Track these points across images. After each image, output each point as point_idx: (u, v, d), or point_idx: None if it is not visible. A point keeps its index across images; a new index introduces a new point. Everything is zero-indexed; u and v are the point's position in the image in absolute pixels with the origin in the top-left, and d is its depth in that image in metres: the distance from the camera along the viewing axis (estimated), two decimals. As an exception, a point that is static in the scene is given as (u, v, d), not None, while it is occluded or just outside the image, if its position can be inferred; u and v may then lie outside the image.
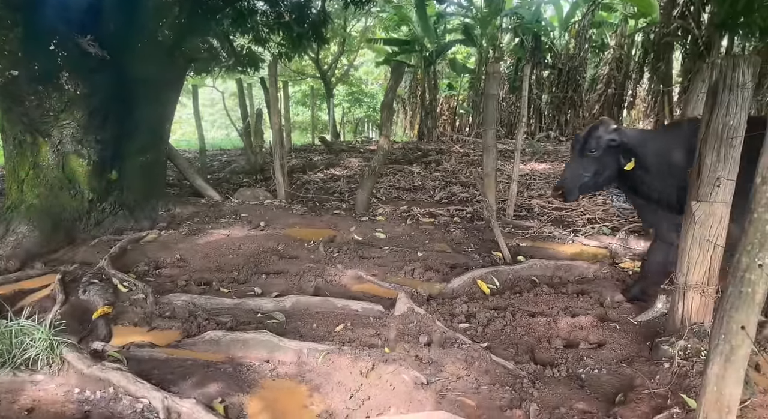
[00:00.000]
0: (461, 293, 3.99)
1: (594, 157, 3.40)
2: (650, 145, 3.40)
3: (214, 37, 7.94)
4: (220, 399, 2.55)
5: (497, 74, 5.43)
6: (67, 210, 5.20)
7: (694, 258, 2.79)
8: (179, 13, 5.70)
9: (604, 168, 3.47)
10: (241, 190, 7.55)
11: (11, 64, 4.43)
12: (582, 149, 3.44)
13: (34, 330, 2.71)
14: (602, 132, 3.39)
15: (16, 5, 4.26)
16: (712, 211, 2.66)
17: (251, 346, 3.05)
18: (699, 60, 10.80)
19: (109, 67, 5.18)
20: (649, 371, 2.73)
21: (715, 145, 2.57)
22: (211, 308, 3.68)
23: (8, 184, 5.35)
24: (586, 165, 3.45)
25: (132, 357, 2.90)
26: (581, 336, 3.23)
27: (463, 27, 17.26)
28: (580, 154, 3.46)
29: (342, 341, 3.19)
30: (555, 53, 15.98)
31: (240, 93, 10.39)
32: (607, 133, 3.38)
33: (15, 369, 2.61)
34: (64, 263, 4.58)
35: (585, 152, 3.42)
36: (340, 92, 24.92)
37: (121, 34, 5.47)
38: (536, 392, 2.62)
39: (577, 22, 15.30)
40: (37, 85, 4.70)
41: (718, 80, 2.50)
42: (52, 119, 4.94)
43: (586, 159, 3.44)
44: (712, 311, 2.87)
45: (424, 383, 2.68)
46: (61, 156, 5.12)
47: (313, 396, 2.67)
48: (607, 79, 15.26)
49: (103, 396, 2.51)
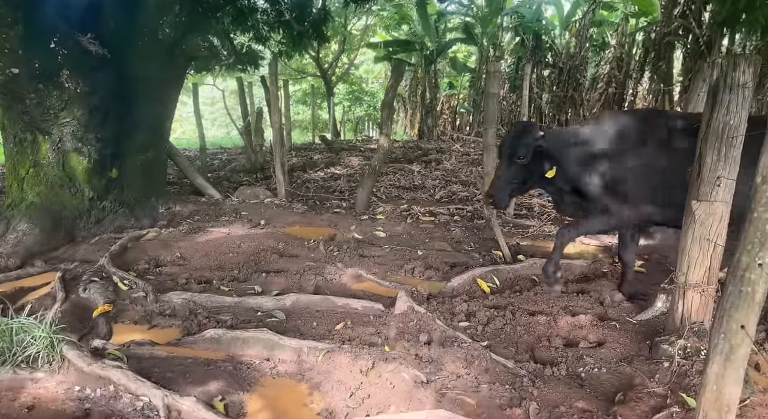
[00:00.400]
0: (461, 292, 3.99)
1: (522, 163, 3.40)
2: (571, 149, 3.42)
3: (214, 35, 7.92)
4: (221, 397, 2.55)
5: (498, 73, 5.43)
6: (68, 208, 5.20)
7: (694, 257, 2.79)
8: (180, 11, 5.70)
9: (531, 174, 3.48)
10: (242, 188, 7.55)
11: (12, 62, 4.43)
12: (511, 155, 3.42)
13: (35, 327, 2.71)
14: (530, 138, 3.37)
15: (16, 3, 4.25)
16: (713, 210, 2.66)
17: (251, 344, 3.06)
18: (700, 59, 10.78)
19: (110, 65, 5.19)
20: (649, 370, 2.73)
21: (715, 144, 2.57)
22: (211, 307, 3.68)
23: (9, 182, 5.36)
24: (515, 172, 3.45)
25: (132, 355, 2.90)
26: (581, 335, 3.23)
27: (463, 26, 17.23)
28: (509, 160, 3.44)
29: (342, 339, 3.19)
30: (556, 52, 15.97)
31: (240, 91, 10.39)
32: (535, 139, 3.36)
33: (15, 367, 2.61)
34: (65, 261, 4.58)
35: (514, 158, 3.41)
36: (341, 91, 24.90)
37: (121, 32, 5.47)
38: (536, 391, 2.62)
39: (577, 20, 15.28)
40: (37, 83, 4.69)
41: (718, 79, 2.51)
42: (52, 117, 4.94)
43: (515, 166, 3.43)
44: (711, 311, 2.87)
45: (424, 381, 2.68)
46: (62, 154, 5.13)
47: (313, 394, 2.67)
48: (607, 78, 15.24)
49: (104, 394, 2.51)
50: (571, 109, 15.67)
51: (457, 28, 18.45)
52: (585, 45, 15.25)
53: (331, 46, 19.59)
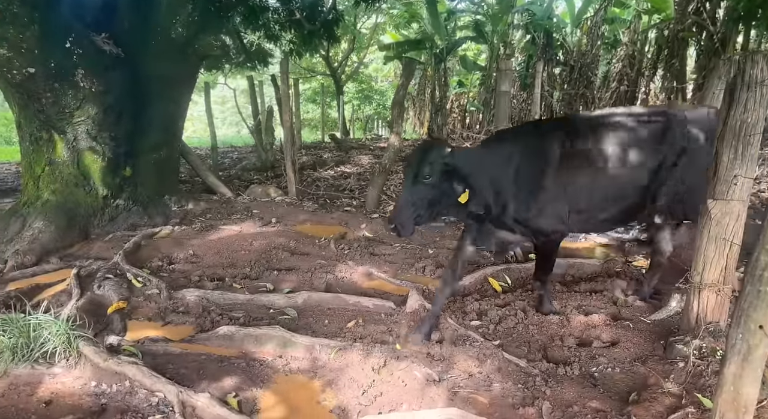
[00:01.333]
0: (473, 291, 3.99)
1: (429, 184, 2.91)
2: (483, 168, 3.09)
3: (226, 34, 7.96)
4: (234, 394, 2.57)
5: (509, 71, 5.41)
6: (82, 206, 5.27)
7: (710, 257, 2.75)
8: (192, 11, 5.73)
9: (440, 197, 2.99)
10: (253, 187, 7.59)
11: (28, 61, 4.49)
12: (415, 175, 2.92)
13: (52, 324, 2.75)
14: (437, 156, 2.91)
15: (33, 3, 4.30)
16: (729, 209, 2.63)
17: (264, 342, 3.08)
18: (714, 56, 10.64)
19: (124, 64, 5.24)
20: (664, 370, 2.70)
21: (732, 142, 2.53)
22: (224, 304, 3.71)
23: (25, 180, 5.43)
24: (420, 194, 2.93)
25: (147, 351, 2.94)
26: (594, 335, 3.21)
27: (473, 24, 17.14)
28: (413, 182, 2.93)
29: (354, 337, 3.20)
30: (567, 50, 15.84)
31: (251, 90, 10.43)
32: (442, 157, 2.91)
33: (33, 362, 2.65)
34: (80, 258, 4.64)
35: (418, 179, 2.91)
36: (350, 89, 24.91)
37: (135, 31, 5.53)
38: (549, 390, 2.61)
39: (589, 18, 15.15)
40: (53, 82, 4.75)
41: (735, 77, 2.47)
42: (67, 116, 5.00)
43: (420, 187, 2.92)
44: (727, 311, 2.84)
45: (436, 380, 2.68)
46: (76, 153, 5.19)
47: (325, 391, 2.68)
48: (619, 76, 15.10)
49: (119, 390, 2.54)
50: (582, 107, 15.55)
51: (468, 27, 18.36)
52: (597, 43, 15.11)
53: (341, 45, 19.59)
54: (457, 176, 2.96)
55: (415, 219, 2.97)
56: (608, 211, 3.27)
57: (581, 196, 3.18)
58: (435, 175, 2.90)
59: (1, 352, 2.63)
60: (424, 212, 2.98)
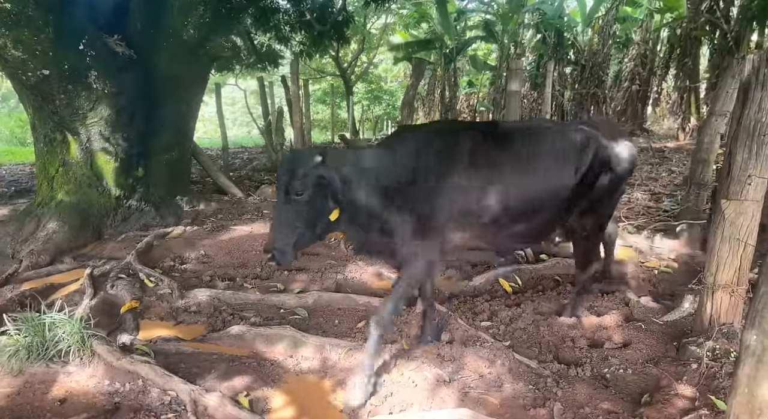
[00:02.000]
0: (483, 292, 3.97)
1: (303, 201, 2.53)
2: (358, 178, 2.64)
3: (236, 35, 8.02)
4: (246, 393, 2.59)
5: (519, 71, 5.39)
6: (95, 207, 5.32)
7: (723, 257, 2.73)
8: (204, 13, 5.77)
9: (319, 214, 2.59)
10: (263, 187, 7.62)
11: (42, 63, 4.55)
12: (285, 192, 2.55)
13: (66, 323, 2.79)
14: (306, 167, 2.52)
15: (47, 6, 4.36)
16: (743, 209, 2.60)
17: (275, 341, 3.09)
18: (728, 55, 10.53)
19: (136, 66, 5.29)
20: (676, 372, 2.68)
21: (746, 142, 2.51)
22: (235, 304, 3.73)
23: (39, 181, 5.50)
24: (296, 213, 2.55)
25: (159, 350, 2.96)
26: (606, 336, 3.19)
27: (484, 23, 17.09)
28: (284, 199, 2.56)
29: (364, 337, 3.19)
30: (578, 49, 15.74)
31: (261, 91, 10.48)
32: (313, 167, 2.52)
33: (48, 361, 2.69)
34: (93, 258, 4.69)
35: (290, 197, 2.53)
36: (360, 90, 24.95)
37: (147, 33, 5.58)
38: (560, 391, 2.60)
39: (600, 17, 15.05)
40: (67, 84, 4.81)
41: (750, 76, 2.45)
42: (80, 117, 5.06)
43: (294, 205, 2.54)
44: (741, 312, 2.81)
45: (447, 380, 2.68)
46: (90, 154, 5.25)
47: (336, 391, 2.69)
48: (631, 75, 14.99)
49: (132, 389, 2.57)
50: (593, 106, 15.44)
51: (478, 26, 18.31)
52: (608, 42, 14.99)
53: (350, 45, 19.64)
54: (331, 190, 2.56)
55: (296, 244, 2.58)
56: (518, 226, 2.92)
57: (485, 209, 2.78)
58: (308, 189, 2.51)
59: (17, 351, 2.67)
60: (305, 233, 2.58)
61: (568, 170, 2.89)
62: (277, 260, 2.58)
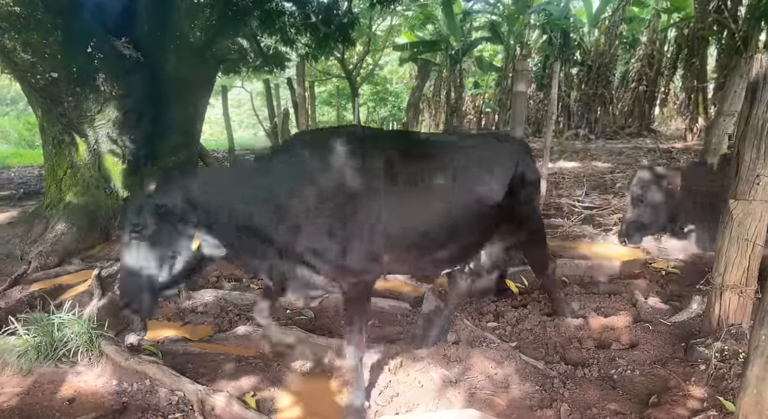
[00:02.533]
0: (489, 292, 3.96)
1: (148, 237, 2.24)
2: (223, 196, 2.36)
3: (243, 38, 8.05)
4: (252, 393, 2.60)
5: (525, 72, 5.37)
6: (103, 208, 5.36)
7: (731, 258, 2.71)
8: (210, 15, 5.81)
9: (173, 247, 2.30)
10: (269, 189, 7.63)
11: (51, 66, 4.59)
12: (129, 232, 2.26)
13: (75, 323, 2.81)
14: (139, 200, 2.28)
15: (56, 10, 4.40)
16: (751, 209, 2.58)
17: (281, 342, 3.10)
18: (736, 55, 10.47)
19: (143, 68, 5.32)
20: (684, 372, 2.66)
21: (754, 142, 2.50)
22: (241, 304, 3.75)
23: (47, 183, 5.54)
24: (145, 253, 2.25)
25: (167, 350, 2.98)
26: (613, 337, 3.18)
27: (489, 24, 17.09)
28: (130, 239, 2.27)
29: (370, 338, 3.20)
30: (584, 50, 15.71)
31: (267, 93, 10.53)
32: (147, 197, 2.26)
33: (57, 361, 2.71)
34: (101, 259, 4.72)
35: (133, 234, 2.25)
36: (365, 91, 24.96)
37: (154, 36, 5.61)
38: (567, 392, 2.59)
39: (607, 17, 15.02)
40: (75, 86, 4.85)
41: (758, 75, 2.43)
42: (88, 120, 5.10)
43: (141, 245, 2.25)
44: (750, 312, 2.79)
45: (453, 381, 2.67)
46: (97, 155, 5.28)
47: (342, 391, 2.69)
48: (638, 75, 14.94)
49: (140, 389, 2.58)
50: (600, 107, 15.39)
51: (483, 27, 18.32)
52: (615, 42, 14.96)
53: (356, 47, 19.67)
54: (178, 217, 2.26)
55: (157, 287, 2.30)
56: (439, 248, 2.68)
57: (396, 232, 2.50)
58: (149, 223, 2.22)
59: (26, 351, 2.69)
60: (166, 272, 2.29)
61: (488, 185, 2.70)
62: (136, 313, 2.35)
